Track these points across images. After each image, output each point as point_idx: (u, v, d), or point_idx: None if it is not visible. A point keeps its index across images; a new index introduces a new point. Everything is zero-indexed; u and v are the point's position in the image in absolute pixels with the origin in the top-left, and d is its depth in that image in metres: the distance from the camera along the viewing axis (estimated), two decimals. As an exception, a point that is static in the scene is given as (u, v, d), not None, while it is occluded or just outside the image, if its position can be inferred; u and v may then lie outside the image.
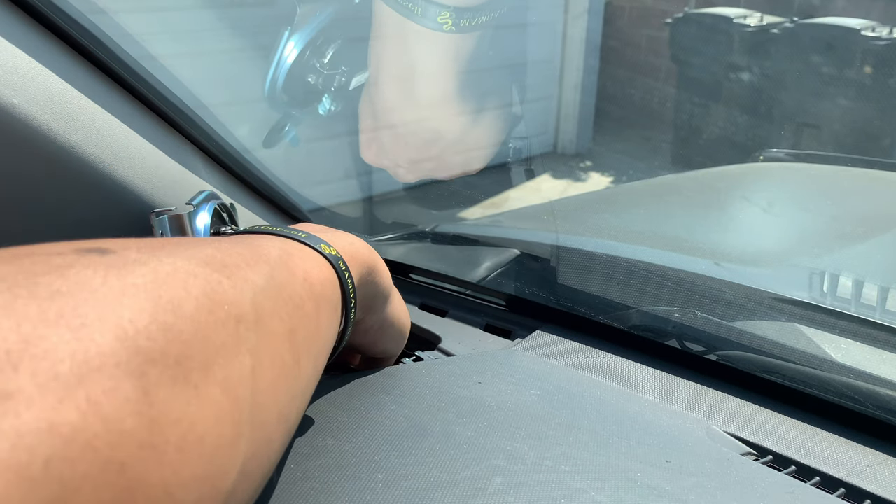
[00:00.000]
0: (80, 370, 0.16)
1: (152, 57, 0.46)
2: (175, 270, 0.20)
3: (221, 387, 0.20)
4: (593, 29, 2.47)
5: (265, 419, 0.22)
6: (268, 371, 0.23)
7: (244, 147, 0.53)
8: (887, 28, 1.23)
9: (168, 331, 0.18)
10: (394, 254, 0.63)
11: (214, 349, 0.20)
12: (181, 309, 0.19)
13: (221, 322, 0.20)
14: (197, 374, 0.19)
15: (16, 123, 0.39)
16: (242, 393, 0.21)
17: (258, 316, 0.23)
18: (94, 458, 0.15)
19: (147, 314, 0.18)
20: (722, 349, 0.46)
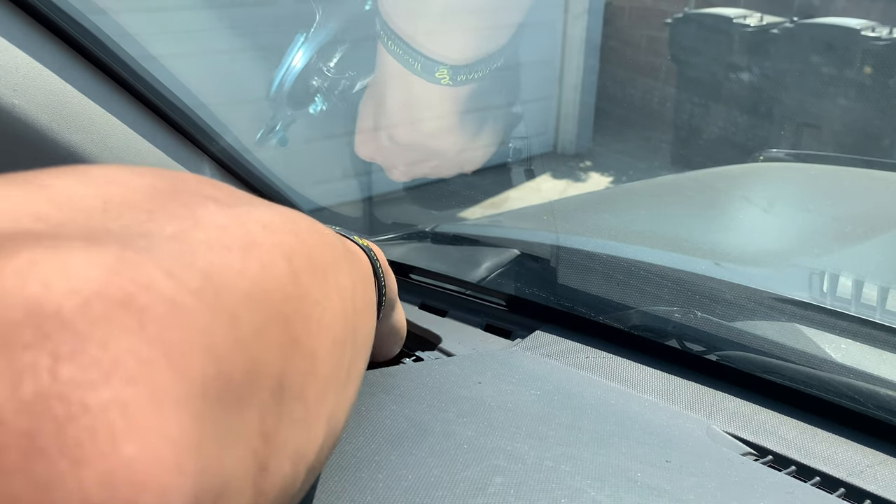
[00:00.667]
0: (248, 241, 0.19)
1: (152, 57, 0.46)
2: (283, 208, 0.24)
3: (336, 292, 0.23)
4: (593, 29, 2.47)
5: (359, 336, 0.26)
6: (359, 297, 0.27)
7: (244, 147, 0.53)
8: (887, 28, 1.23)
9: (296, 235, 0.21)
10: (394, 254, 0.63)
11: (327, 261, 0.23)
12: (298, 223, 0.22)
13: (326, 243, 0.24)
14: (320, 275, 0.22)
15: (16, 123, 0.39)
16: (348, 304, 0.24)
17: (345, 251, 0.27)
18: (270, 305, 0.18)
19: (278, 219, 0.21)
20: (722, 349, 0.46)
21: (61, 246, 0.14)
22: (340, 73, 0.55)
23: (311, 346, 0.20)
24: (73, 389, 0.12)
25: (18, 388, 0.11)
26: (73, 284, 0.13)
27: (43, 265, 0.13)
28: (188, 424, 0.14)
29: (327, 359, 0.22)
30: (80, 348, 0.12)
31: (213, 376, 0.15)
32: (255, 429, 0.17)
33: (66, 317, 0.12)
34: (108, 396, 0.12)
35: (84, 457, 0.12)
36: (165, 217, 0.18)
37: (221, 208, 0.20)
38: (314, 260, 0.22)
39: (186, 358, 0.14)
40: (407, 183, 0.68)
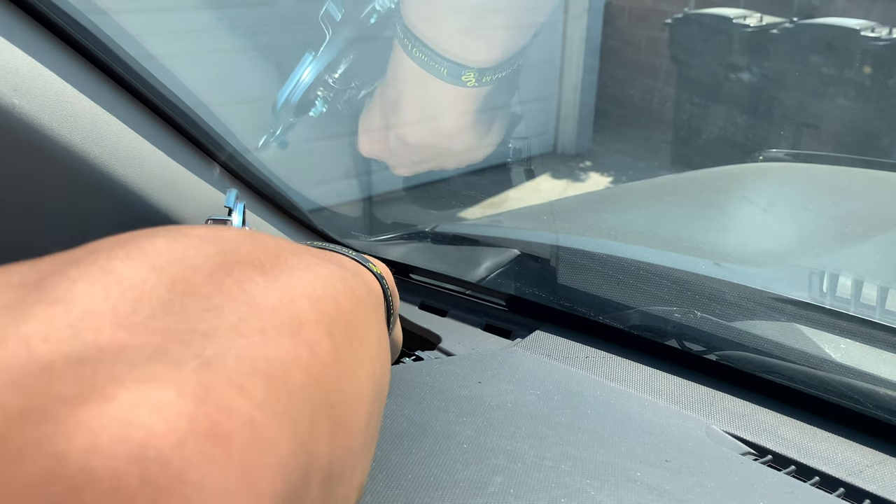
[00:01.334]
0: (296, 322, 0.19)
1: (152, 57, 0.46)
2: (307, 256, 0.24)
3: (368, 355, 0.23)
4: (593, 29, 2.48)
5: (382, 390, 0.26)
6: (383, 352, 0.27)
7: (244, 147, 0.53)
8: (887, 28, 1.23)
9: (335, 301, 0.22)
10: (394, 254, 0.63)
11: (359, 324, 0.23)
12: (335, 285, 0.23)
13: (357, 302, 0.24)
14: (356, 342, 0.22)
15: (16, 124, 0.39)
16: (377, 364, 0.25)
17: (371, 304, 0.27)
18: (319, 392, 0.19)
19: (319, 284, 0.22)
20: (722, 349, 0.46)
21: (151, 376, 0.14)
22: (346, 84, 0.56)
23: (351, 424, 0.21)
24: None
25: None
26: (169, 424, 0.14)
27: (142, 406, 0.14)
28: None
29: (362, 431, 0.22)
30: (178, 491, 0.13)
31: (281, 490, 0.15)
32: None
33: (165, 459, 0.13)
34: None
35: None
36: (223, 303, 0.18)
37: (268, 282, 0.20)
38: (350, 328, 0.22)
39: (262, 479, 0.15)
40: (407, 183, 0.68)
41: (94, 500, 0.12)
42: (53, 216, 0.45)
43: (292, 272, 0.22)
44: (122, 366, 0.15)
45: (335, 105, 0.56)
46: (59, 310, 0.16)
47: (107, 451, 0.13)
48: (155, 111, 0.47)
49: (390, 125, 0.54)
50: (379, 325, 0.28)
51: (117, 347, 0.15)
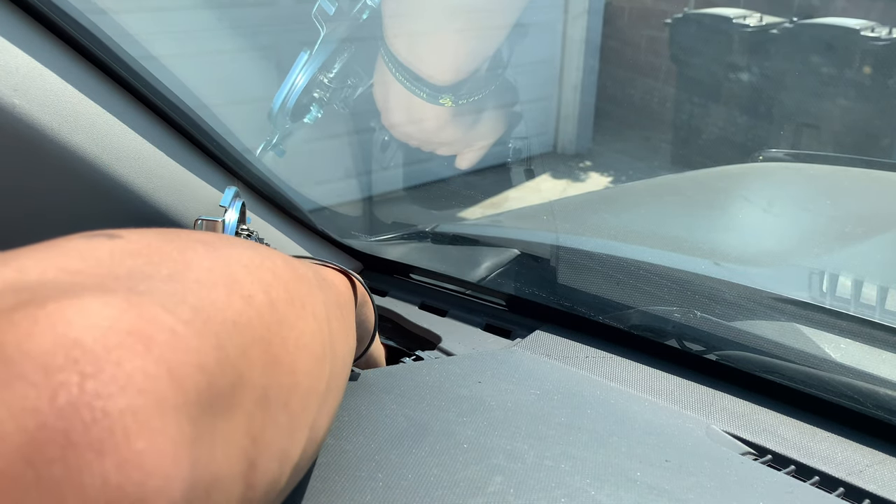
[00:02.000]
0: (231, 279, 0.23)
1: (152, 57, 0.46)
2: (264, 247, 0.28)
3: (312, 316, 0.27)
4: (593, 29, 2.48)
5: (337, 352, 0.30)
6: (334, 321, 0.30)
7: (244, 147, 0.53)
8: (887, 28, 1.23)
9: (273, 272, 0.25)
10: (394, 254, 0.63)
11: (302, 292, 0.27)
12: (275, 261, 0.26)
13: (300, 278, 0.27)
14: (298, 304, 0.26)
15: (16, 124, 0.39)
16: (324, 327, 0.28)
17: (318, 284, 0.30)
18: (252, 331, 0.22)
19: (257, 258, 0.25)
20: (722, 349, 0.46)
21: (81, 293, 0.18)
22: (342, 83, 0.57)
23: (291, 363, 0.24)
24: (95, 399, 0.16)
25: (56, 399, 0.15)
26: (91, 321, 0.17)
27: (67, 310, 0.17)
28: (185, 426, 0.17)
29: (307, 373, 0.25)
30: (101, 368, 0.16)
31: (205, 388, 0.18)
32: (243, 431, 0.20)
33: (88, 345, 0.16)
34: (123, 404, 0.16)
35: (105, 450, 0.15)
36: (162, 261, 0.22)
37: (209, 251, 0.24)
38: (290, 291, 0.26)
39: (183, 373, 0.18)
40: (407, 183, 0.68)
41: (28, 373, 0.15)
42: (53, 216, 0.45)
43: (233, 246, 0.25)
44: (58, 290, 0.18)
45: (332, 105, 0.57)
46: (10, 265, 0.19)
47: (37, 339, 0.16)
48: (155, 111, 0.47)
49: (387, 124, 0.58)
50: (331, 306, 0.31)
51: (58, 282, 0.19)
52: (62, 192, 0.43)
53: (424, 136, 0.58)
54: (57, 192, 0.43)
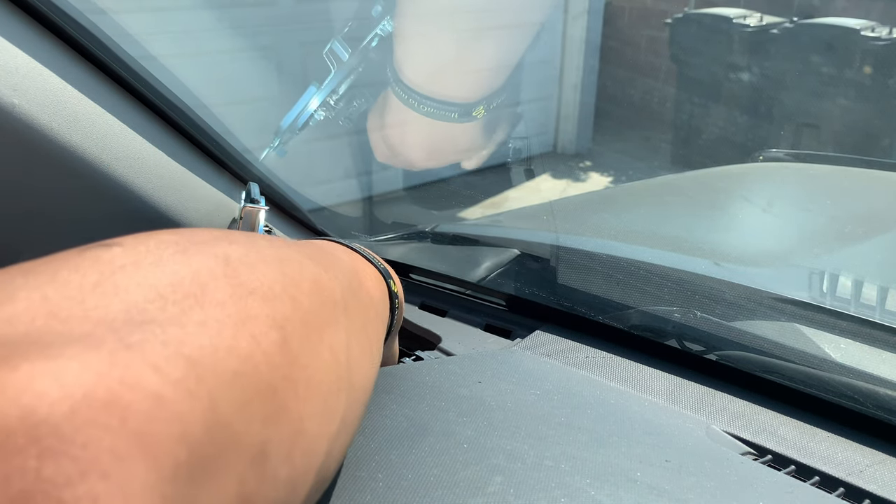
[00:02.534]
0: (243, 316, 0.21)
1: (152, 57, 0.46)
2: (290, 257, 0.26)
3: (329, 349, 0.25)
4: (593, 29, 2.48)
5: (355, 382, 0.28)
6: (355, 348, 0.28)
7: (245, 147, 0.53)
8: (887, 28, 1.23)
9: (294, 300, 0.23)
10: (394, 254, 0.63)
11: (323, 321, 0.25)
12: (300, 286, 0.24)
13: (325, 302, 0.26)
14: (314, 336, 0.24)
15: (15, 124, 0.39)
16: (342, 357, 0.26)
17: (346, 305, 0.28)
18: (257, 379, 0.20)
19: (279, 285, 0.23)
20: (722, 349, 0.46)
21: (62, 351, 0.16)
22: (348, 104, 0.57)
23: (298, 410, 0.22)
24: (52, 487, 0.14)
25: (9, 486, 0.14)
26: (64, 391, 0.15)
27: (40, 377, 0.15)
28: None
29: (316, 416, 0.23)
30: (63, 450, 0.14)
31: (186, 459, 0.17)
32: (233, 495, 0.19)
33: (55, 422, 0.15)
34: (83, 491, 0.14)
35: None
36: (171, 294, 0.20)
37: (228, 276, 0.22)
38: (308, 323, 0.24)
39: (160, 448, 0.16)
40: (407, 183, 0.68)
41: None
42: (53, 216, 0.45)
43: (256, 267, 0.23)
44: (37, 346, 0.16)
45: (336, 122, 0.58)
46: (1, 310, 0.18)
47: (1, 413, 0.14)
48: (155, 111, 0.47)
49: (397, 155, 0.58)
50: (353, 325, 0.29)
51: (44, 334, 0.17)
52: (62, 191, 0.43)
53: (456, 156, 0.57)
54: (56, 191, 0.43)
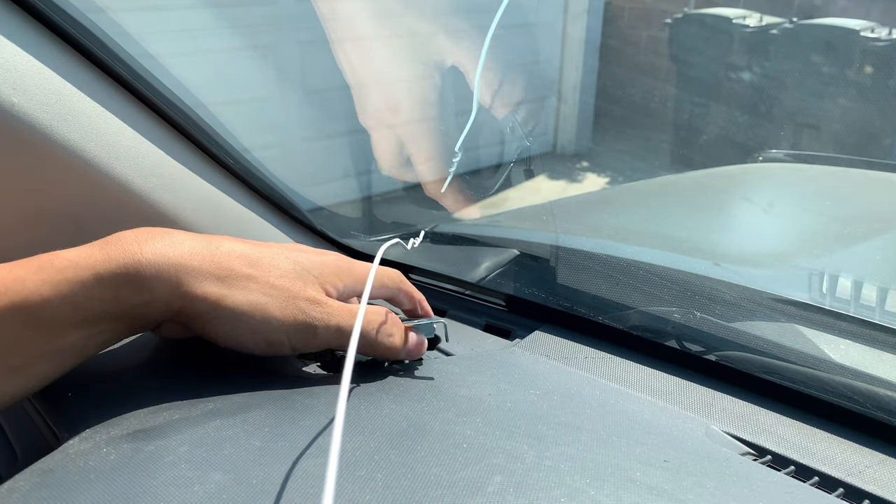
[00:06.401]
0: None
1: (151, 56, 0.46)
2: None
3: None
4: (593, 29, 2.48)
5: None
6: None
7: (244, 147, 0.53)
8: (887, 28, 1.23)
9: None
10: (394, 254, 0.63)
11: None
12: None
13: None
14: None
15: (15, 122, 0.39)
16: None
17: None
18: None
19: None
20: (721, 349, 0.46)
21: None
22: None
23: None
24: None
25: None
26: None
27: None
28: None
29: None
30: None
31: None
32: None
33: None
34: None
35: None
36: None
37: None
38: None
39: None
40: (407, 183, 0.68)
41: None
42: (52, 214, 0.45)
43: None
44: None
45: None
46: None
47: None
48: (154, 110, 0.47)
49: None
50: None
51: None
52: (61, 190, 0.43)
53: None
54: (55, 189, 0.43)
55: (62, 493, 0.30)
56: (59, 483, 0.30)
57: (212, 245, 0.38)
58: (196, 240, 0.38)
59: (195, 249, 0.37)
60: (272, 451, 0.33)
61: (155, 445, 0.33)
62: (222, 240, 0.39)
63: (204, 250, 0.37)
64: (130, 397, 0.38)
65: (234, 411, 0.36)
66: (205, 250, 0.37)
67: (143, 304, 0.36)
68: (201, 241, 0.38)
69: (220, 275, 0.36)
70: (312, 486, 0.31)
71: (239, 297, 0.37)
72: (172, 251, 0.36)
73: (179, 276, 0.36)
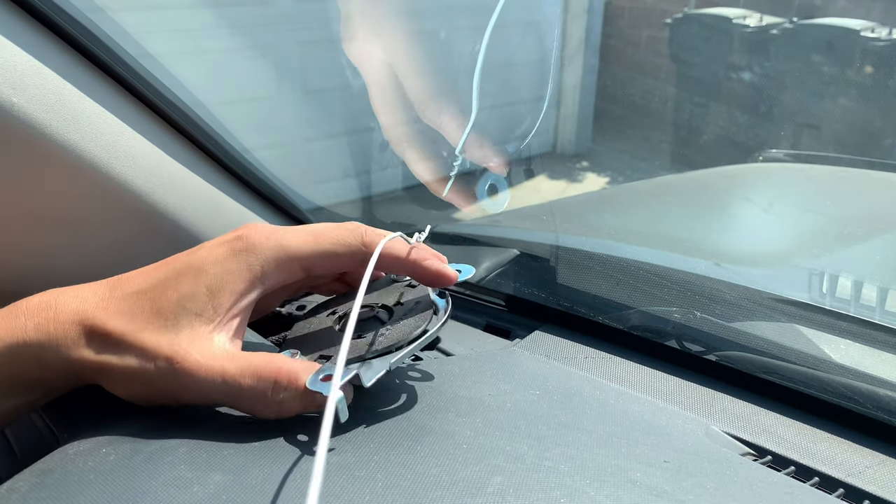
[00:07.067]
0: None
1: (151, 55, 0.46)
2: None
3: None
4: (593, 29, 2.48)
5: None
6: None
7: (244, 147, 0.53)
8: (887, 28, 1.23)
9: None
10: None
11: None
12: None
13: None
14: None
15: (15, 122, 0.39)
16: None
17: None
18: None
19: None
20: (721, 349, 0.46)
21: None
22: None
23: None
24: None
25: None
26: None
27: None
28: None
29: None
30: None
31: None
32: None
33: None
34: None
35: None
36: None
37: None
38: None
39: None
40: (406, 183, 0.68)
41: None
42: (52, 214, 0.45)
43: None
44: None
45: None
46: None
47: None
48: (154, 110, 0.47)
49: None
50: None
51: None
52: (61, 190, 0.43)
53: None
54: (55, 190, 0.43)
55: (62, 494, 0.30)
56: (58, 483, 0.30)
57: (99, 302, 0.37)
58: (83, 300, 0.37)
59: (78, 314, 0.37)
60: (272, 452, 0.33)
61: (155, 445, 0.33)
62: (117, 287, 0.38)
63: (85, 312, 0.37)
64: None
65: (234, 411, 0.36)
66: (86, 312, 0.37)
67: (38, 377, 0.37)
68: (90, 297, 0.37)
69: (96, 341, 0.36)
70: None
71: (113, 360, 0.36)
72: (55, 324, 0.36)
73: (60, 350, 0.36)
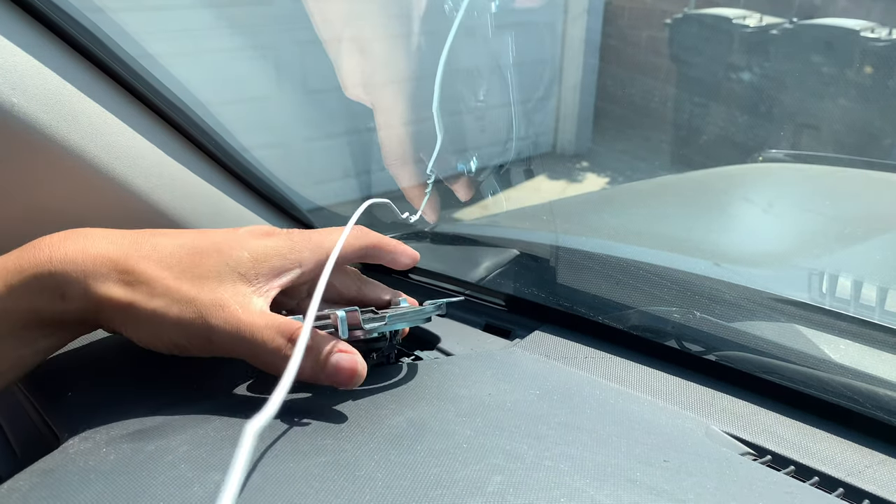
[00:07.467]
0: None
1: (151, 56, 0.46)
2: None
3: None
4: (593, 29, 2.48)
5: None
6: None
7: (244, 147, 0.53)
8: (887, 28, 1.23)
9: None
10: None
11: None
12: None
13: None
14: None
15: (15, 122, 0.39)
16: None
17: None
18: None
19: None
20: (721, 349, 0.46)
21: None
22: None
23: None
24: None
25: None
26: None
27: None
28: None
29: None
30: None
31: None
32: None
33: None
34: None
35: None
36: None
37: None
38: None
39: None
40: (406, 183, 0.68)
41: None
42: (52, 214, 0.45)
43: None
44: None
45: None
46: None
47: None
48: (154, 110, 0.47)
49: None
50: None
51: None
52: (61, 190, 0.43)
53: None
54: (55, 190, 0.43)
55: (62, 493, 0.30)
56: (58, 483, 0.30)
57: (132, 245, 0.36)
58: (114, 241, 0.36)
59: (108, 252, 0.36)
60: (272, 452, 0.33)
61: (155, 445, 0.33)
62: (150, 237, 0.37)
63: (117, 252, 0.36)
64: (130, 397, 0.38)
65: (235, 411, 0.36)
66: (118, 252, 0.36)
67: (60, 311, 0.36)
68: (122, 240, 0.37)
69: (126, 279, 0.36)
70: (312, 486, 0.31)
71: (142, 301, 0.36)
72: (83, 256, 0.35)
73: (87, 282, 0.35)
